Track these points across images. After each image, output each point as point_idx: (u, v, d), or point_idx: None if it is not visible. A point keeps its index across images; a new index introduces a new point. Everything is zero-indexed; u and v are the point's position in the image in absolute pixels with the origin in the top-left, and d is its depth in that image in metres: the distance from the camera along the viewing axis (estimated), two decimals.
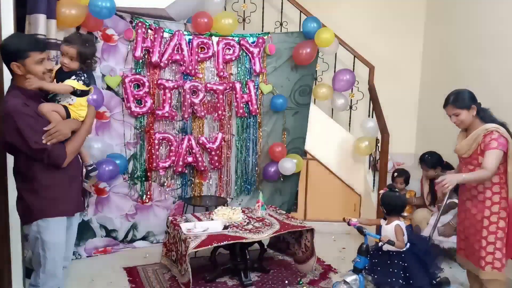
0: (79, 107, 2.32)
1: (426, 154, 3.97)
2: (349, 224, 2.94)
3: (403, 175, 4.15)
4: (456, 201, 3.72)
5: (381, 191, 2.94)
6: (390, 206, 2.86)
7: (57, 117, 2.20)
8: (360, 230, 2.87)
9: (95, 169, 2.57)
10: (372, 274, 2.81)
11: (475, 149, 2.77)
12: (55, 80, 2.29)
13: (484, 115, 2.84)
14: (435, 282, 2.85)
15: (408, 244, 2.80)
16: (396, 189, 2.94)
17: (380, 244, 2.74)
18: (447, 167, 3.98)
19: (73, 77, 2.27)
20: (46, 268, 2.24)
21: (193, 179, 4.27)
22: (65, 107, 2.27)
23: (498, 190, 2.78)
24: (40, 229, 2.20)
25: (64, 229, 2.31)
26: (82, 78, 2.29)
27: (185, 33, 4.03)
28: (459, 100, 2.80)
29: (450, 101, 2.82)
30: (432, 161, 3.91)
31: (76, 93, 2.28)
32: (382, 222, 2.95)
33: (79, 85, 2.27)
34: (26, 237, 2.56)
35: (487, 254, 2.78)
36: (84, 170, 2.54)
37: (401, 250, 2.76)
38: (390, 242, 2.68)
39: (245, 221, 3.44)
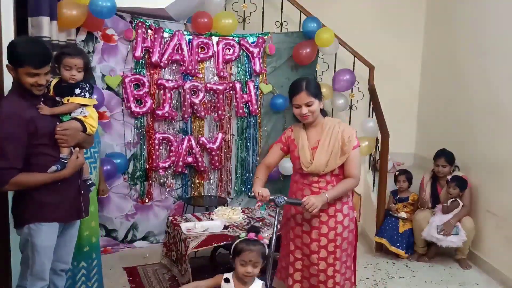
0: (91, 118, 2.32)
1: (445, 150, 3.99)
2: None
3: (404, 174, 4.17)
4: (461, 202, 3.76)
5: (242, 235, 2.07)
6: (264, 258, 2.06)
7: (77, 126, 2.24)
8: None
9: (92, 184, 2.53)
10: None
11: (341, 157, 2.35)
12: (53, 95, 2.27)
13: (322, 110, 2.47)
14: None
15: None
16: (259, 232, 2.12)
17: None
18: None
19: (78, 90, 2.25)
20: (33, 270, 2.22)
21: (193, 179, 4.28)
22: (81, 121, 2.26)
23: (346, 200, 2.44)
24: (31, 232, 2.19)
25: (55, 234, 2.28)
26: (87, 88, 2.28)
27: (185, 33, 4.03)
28: (312, 87, 2.37)
29: (304, 88, 2.34)
30: (450, 156, 3.94)
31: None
32: (226, 285, 2.05)
33: (84, 100, 2.27)
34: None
35: (341, 276, 2.42)
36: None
37: None
38: None
39: (245, 221, 3.44)
